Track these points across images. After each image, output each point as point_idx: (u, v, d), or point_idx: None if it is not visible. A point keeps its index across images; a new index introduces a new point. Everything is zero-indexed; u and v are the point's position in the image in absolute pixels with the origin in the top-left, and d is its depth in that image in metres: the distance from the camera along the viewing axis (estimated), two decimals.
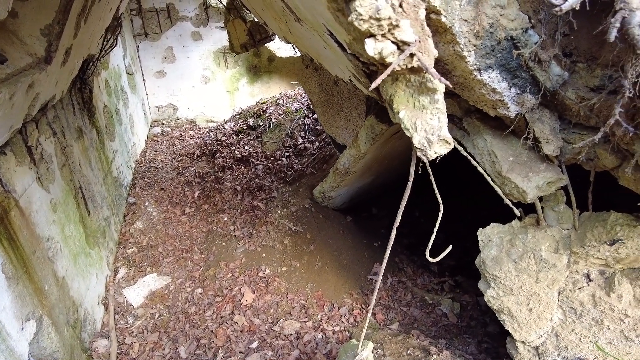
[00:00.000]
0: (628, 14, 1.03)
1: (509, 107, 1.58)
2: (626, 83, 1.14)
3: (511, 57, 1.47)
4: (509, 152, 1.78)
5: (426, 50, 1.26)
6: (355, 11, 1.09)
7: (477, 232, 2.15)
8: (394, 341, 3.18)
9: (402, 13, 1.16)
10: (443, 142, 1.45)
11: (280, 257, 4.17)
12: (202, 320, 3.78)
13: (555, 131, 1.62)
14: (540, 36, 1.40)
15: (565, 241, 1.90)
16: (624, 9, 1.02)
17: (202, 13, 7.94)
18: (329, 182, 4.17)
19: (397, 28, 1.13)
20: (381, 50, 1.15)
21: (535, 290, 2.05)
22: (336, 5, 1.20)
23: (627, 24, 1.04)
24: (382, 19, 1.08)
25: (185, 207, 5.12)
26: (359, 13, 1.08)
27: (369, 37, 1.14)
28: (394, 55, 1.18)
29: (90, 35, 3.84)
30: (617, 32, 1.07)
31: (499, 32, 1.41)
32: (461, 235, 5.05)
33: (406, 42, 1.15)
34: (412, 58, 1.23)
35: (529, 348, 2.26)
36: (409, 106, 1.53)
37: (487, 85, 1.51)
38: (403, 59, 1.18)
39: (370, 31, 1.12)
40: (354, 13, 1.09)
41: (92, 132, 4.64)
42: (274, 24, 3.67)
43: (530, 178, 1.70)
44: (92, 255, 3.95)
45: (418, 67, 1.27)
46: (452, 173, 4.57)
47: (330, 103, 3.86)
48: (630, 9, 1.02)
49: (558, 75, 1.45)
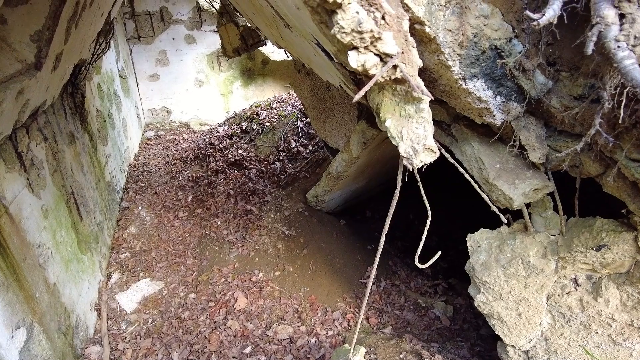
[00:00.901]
0: (604, 29, 1.04)
1: (494, 115, 1.59)
2: (605, 94, 1.16)
3: (496, 66, 1.48)
4: (495, 159, 1.79)
5: (409, 61, 1.27)
6: (338, 24, 1.09)
7: (467, 238, 2.16)
8: (386, 345, 3.19)
9: (384, 25, 1.16)
10: (428, 151, 1.46)
11: (274, 261, 4.17)
12: (196, 326, 3.77)
13: (541, 138, 1.64)
14: (524, 45, 1.41)
15: (553, 247, 1.92)
16: (600, 23, 1.04)
17: (195, 16, 7.94)
18: (322, 186, 4.18)
19: (379, 40, 1.14)
20: (364, 62, 1.16)
21: (524, 295, 2.06)
22: (319, 18, 1.21)
23: (603, 37, 1.05)
24: (364, 32, 1.09)
25: (179, 211, 5.11)
26: (341, 26, 1.09)
27: (352, 50, 1.15)
28: (377, 67, 1.19)
29: (82, 41, 3.82)
30: (594, 45, 1.08)
31: (483, 41, 1.42)
32: (454, 238, 5.07)
33: (389, 54, 1.16)
34: (396, 69, 1.24)
35: (519, 352, 2.27)
36: (395, 115, 1.54)
37: (473, 93, 1.52)
38: (386, 70, 1.19)
39: (353, 44, 1.13)
40: (336, 26, 1.10)
41: (85, 137, 4.62)
42: (266, 29, 3.67)
43: (517, 185, 1.71)
44: (85, 261, 3.93)
45: (402, 77, 1.28)
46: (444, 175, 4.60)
47: (323, 107, 3.87)
48: (605, 24, 1.03)
49: (542, 83, 1.47)
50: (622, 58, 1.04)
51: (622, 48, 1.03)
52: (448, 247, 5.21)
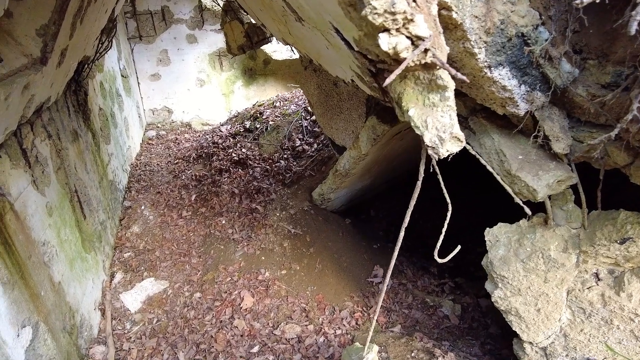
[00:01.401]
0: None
1: (518, 105, 1.56)
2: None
3: (521, 54, 1.45)
4: (517, 150, 1.76)
5: (439, 45, 1.24)
6: (370, 5, 1.06)
7: (485, 232, 2.13)
8: (397, 344, 3.15)
9: (416, 7, 1.13)
10: (455, 140, 1.43)
11: (280, 260, 4.13)
12: (202, 325, 3.72)
13: (564, 129, 1.60)
14: (551, 33, 1.38)
15: (574, 240, 1.89)
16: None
17: (197, 16, 7.90)
18: (328, 184, 4.14)
19: (411, 22, 1.10)
20: (395, 45, 1.12)
21: (543, 291, 2.03)
22: (348, 1, 1.17)
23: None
24: (397, 12, 1.06)
25: (182, 210, 5.06)
26: (374, 7, 1.05)
27: (383, 32, 1.11)
28: (408, 51, 1.15)
29: (86, 37, 3.78)
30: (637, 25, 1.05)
31: (509, 28, 1.39)
32: (460, 237, 5.05)
33: (421, 37, 1.13)
34: (426, 54, 1.20)
35: (536, 349, 2.23)
36: (419, 104, 1.50)
37: (498, 82, 1.49)
38: (417, 54, 1.15)
39: (385, 25, 1.09)
40: (368, 7, 1.06)
41: (88, 135, 4.57)
42: (273, 25, 3.64)
43: (541, 176, 1.68)
44: (89, 260, 3.88)
45: (431, 63, 1.24)
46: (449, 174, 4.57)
47: (330, 104, 3.83)
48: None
49: (568, 72, 1.44)
50: None
51: None
52: (453, 245, 5.18)
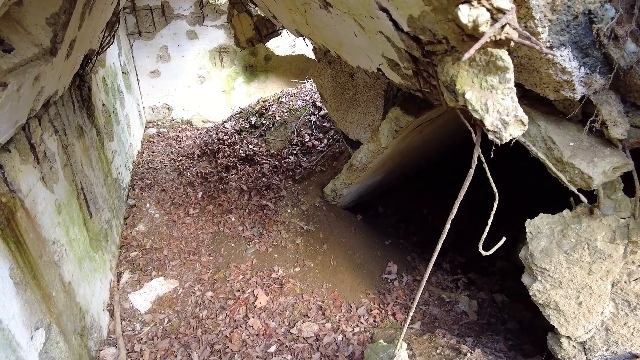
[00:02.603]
0: None
1: (575, 89, 1.50)
2: None
3: (585, 34, 1.38)
4: (567, 137, 1.69)
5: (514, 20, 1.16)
6: None
7: (526, 224, 2.06)
8: (420, 340, 3.08)
9: None
10: (519, 123, 1.36)
11: (293, 257, 4.04)
12: (215, 325, 3.62)
13: (622, 113, 1.54)
14: (617, 10, 1.32)
15: (622, 230, 1.83)
16: None
17: (197, 11, 7.77)
18: (342, 179, 4.06)
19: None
20: (476, 17, 1.04)
21: (587, 283, 1.97)
22: None
23: None
24: None
25: (189, 208, 4.95)
26: None
27: (464, 4, 1.04)
28: (487, 24, 1.08)
29: (93, 29, 3.66)
30: None
31: (577, 5, 1.32)
32: (470, 233, 5.00)
33: (502, 9, 1.05)
34: (502, 29, 1.13)
35: (574, 344, 2.17)
36: (475, 87, 1.43)
37: (558, 64, 1.42)
38: (497, 28, 1.08)
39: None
40: None
41: (92, 131, 4.45)
42: (287, 16, 3.54)
43: (596, 163, 1.62)
44: (96, 260, 3.77)
45: (505, 39, 1.16)
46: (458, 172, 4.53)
47: (345, 97, 3.75)
48: None
49: (633, 52, 1.37)
50: None
51: None
52: (464, 242, 5.13)
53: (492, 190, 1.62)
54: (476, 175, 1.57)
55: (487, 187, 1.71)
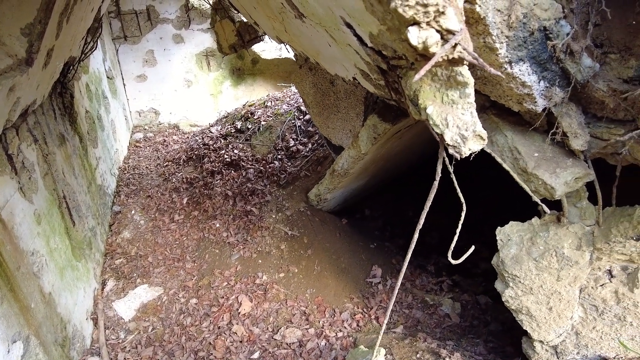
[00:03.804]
0: None
1: (536, 101, 1.53)
2: None
3: (542, 49, 1.42)
4: (532, 148, 1.72)
5: (466, 39, 1.19)
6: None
7: (496, 231, 2.09)
8: (401, 345, 3.11)
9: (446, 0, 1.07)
10: (478, 138, 1.38)
11: (277, 262, 4.05)
12: (199, 332, 3.62)
13: (582, 125, 1.58)
14: (572, 26, 1.35)
15: (588, 238, 1.87)
16: None
17: (183, 15, 7.75)
18: (325, 185, 4.08)
19: (442, 15, 1.05)
20: (425, 39, 1.06)
21: (556, 289, 2.01)
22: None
23: None
24: (429, 4, 1.00)
25: (174, 214, 4.94)
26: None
27: (413, 25, 1.06)
28: (437, 45, 1.10)
29: (72, 37, 3.64)
30: None
31: (532, 22, 1.35)
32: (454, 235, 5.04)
33: (452, 30, 1.07)
34: (455, 48, 1.15)
35: (547, 347, 2.21)
36: (437, 101, 1.45)
37: (517, 78, 1.45)
38: (447, 49, 1.10)
39: (415, 18, 1.03)
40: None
41: (75, 139, 4.42)
42: (267, 23, 3.55)
43: (559, 174, 1.65)
44: (79, 268, 3.75)
45: (459, 58, 1.19)
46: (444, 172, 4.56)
47: (326, 104, 3.77)
48: None
49: (589, 67, 1.40)
50: None
51: None
52: (448, 244, 5.18)
53: (479, 193, 1.65)
54: (463, 178, 1.60)
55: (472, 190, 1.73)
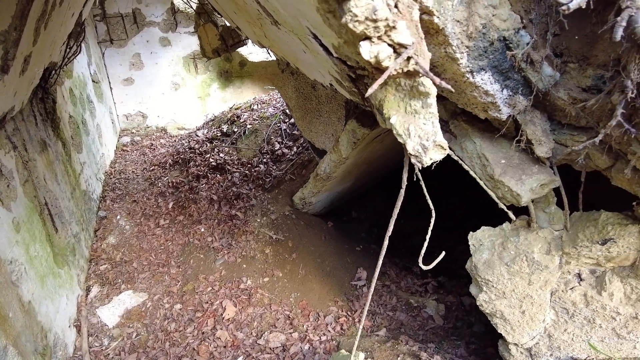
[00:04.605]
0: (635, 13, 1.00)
1: (500, 110, 1.55)
2: (629, 83, 1.12)
3: (503, 59, 1.44)
4: (499, 154, 1.75)
5: (422, 52, 1.20)
6: (350, 12, 1.01)
7: (468, 236, 2.12)
8: (383, 348, 3.12)
9: (397, 14, 1.09)
10: (439, 148, 1.40)
11: (262, 267, 4.05)
12: (183, 338, 3.61)
13: (546, 132, 1.60)
14: (532, 36, 1.37)
15: (557, 242, 1.89)
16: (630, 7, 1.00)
17: (170, 18, 7.72)
18: (309, 188, 4.09)
19: (393, 30, 1.06)
20: (377, 53, 1.08)
21: (527, 293, 2.03)
22: (327, 7, 1.12)
23: (633, 22, 1.01)
24: (378, 20, 1.01)
25: (160, 219, 4.92)
26: (354, 14, 1.01)
27: (364, 40, 1.07)
28: (390, 59, 1.11)
29: (52, 42, 3.62)
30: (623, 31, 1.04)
31: (491, 32, 1.36)
32: (442, 236, 5.07)
33: (403, 44, 1.09)
34: (409, 61, 1.16)
35: (521, 350, 2.24)
36: (400, 111, 1.47)
37: (480, 87, 1.47)
38: (400, 62, 1.11)
39: (366, 33, 1.04)
40: (348, 14, 1.02)
41: (57, 144, 4.39)
42: (248, 28, 3.56)
43: (524, 181, 1.68)
44: (62, 275, 3.72)
45: (414, 70, 1.20)
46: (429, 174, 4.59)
47: (308, 108, 3.78)
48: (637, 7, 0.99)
49: (550, 75, 1.43)
50: None
51: None
52: (435, 245, 5.20)
53: (465, 193, 1.66)
54: (449, 178, 1.61)
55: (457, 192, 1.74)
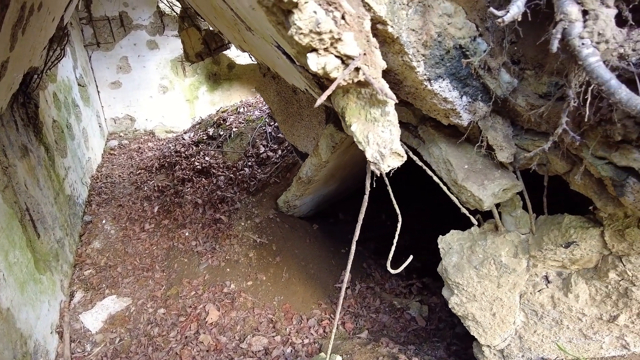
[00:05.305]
0: (568, 25, 1.02)
1: (461, 116, 1.57)
2: (570, 93, 1.14)
3: (461, 66, 1.46)
4: (463, 160, 1.77)
5: (372, 62, 1.22)
6: (295, 25, 1.03)
7: (438, 240, 2.14)
8: (363, 351, 3.14)
9: (344, 25, 1.11)
10: (396, 155, 1.42)
11: (246, 271, 4.06)
12: (166, 342, 3.61)
13: (508, 138, 1.63)
14: (489, 44, 1.39)
15: (523, 245, 1.92)
16: (564, 20, 1.02)
17: (157, 21, 7.71)
18: (292, 192, 4.10)
19: (339, 42, 1.08)
20: (324, 65, 1.09)
21: (497, 295, 2.06)
22: (276, 19, 1.14)
23: (567, 35, 1.03)
24: (322, 32, 1.03)
25: (145, 223, 4.91)
26: (298, 27, 1.02)
27: (311, 52, 1.09)
28: (338, 70, 1.13)
29: (31, 47, 3.61)
30: (558, 43, 1.06)
31: (447, 41, 1.39)
32: (427, 237, 5.10)
33: (350, 56, 1.11)
34: (358, 72, 1.18)
35: (494, 352, 2.26)
36: (361, 119, 1.48)
37: (438, 95, 1.49)
38: (348, 73, 1.13)
39: (312, 45, 1.06)
40: (293, 27, 1.03)
41: (40, 149, 4.37)
42: (229, 33, 3.57)
43: (486, 186, 1.70)
44: (43, 281, 3.70)
45: (365, 80, 1.22)
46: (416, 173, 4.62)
47: (290, 111, 3.80)
48: (569, 20, 1.01)
49: (508, 82, 1.45)
50: (587, 55, 1.02)
51: (586, 45, 1.02)
52: (421, 246, 5.23)
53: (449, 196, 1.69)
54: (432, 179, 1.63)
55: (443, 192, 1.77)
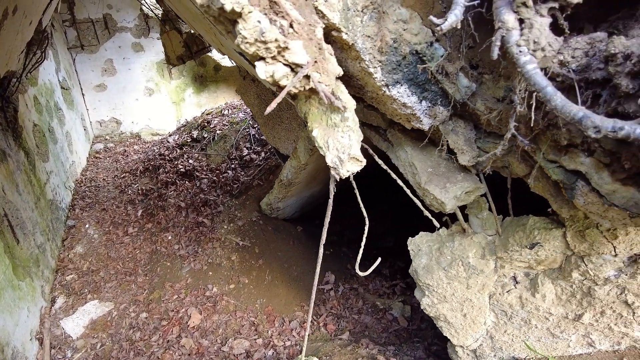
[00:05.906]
0: (506, 33, 1.04)
1: (422, 120, 1.59)
2: (516, 98, 1.17)
3: (418, 71, 1.48)
4: (427, 163, 1.79)
5: (324, 70, 1.23)
6: (240, 34, 1.04)
7: (407, 242, 2.16)
8: (343, 352, 3.15)
9: (293, 34, 1.12)
10: (354, 161, 1.43)
11: (228, 274, 4.05)
12: (148, 347, 3.60)
13: (470, 141, 1.64)
14: (446, 49, 1.41)
15: (490, 247, 1.94)
16: (501, 28, 1.04)
17: (142, 23, 7.67)
18: (274, 194, 4.11)
19: (287, 50, 1.09)
20: (273, 73, 1.10)
21: (467, 296, 2.08)
22: (225, 28, 1.14)
23: (506, 42, 1.05)
24: (268, 41, 1.04)
25: (128, 227, 4.88)
26: (244, 36, 1.03)
27: (259, 60, 1.10)
28: (287, 78, 1.14)
29: (8, 51, 3.58)
30: (498, 50, 1.08)
31: (403, 47, 1.40)
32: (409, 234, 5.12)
33: (298, 64, 1.12)
34: (309, 79, 1.19)
35: (467, 352, 2.29)
36: (322, 124, 1.50)
37: (397, 100, 1.50)
38: (297, 81, 1.14)
39: (259, 54, 1.07)
40: (239, 36, 1.04)
41: (19, 154, 4.33)
42: (207, 36, 3.57)
43: (448, 189, 1.72)
44: (22, 288, 3.67)
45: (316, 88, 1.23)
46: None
47: (270, 114, 3.80)
48: (507, 28, 1.03)
49: (466, 87, 1.47)
50: (525, 63, 1.04)
51: (523, 53, 1.04)
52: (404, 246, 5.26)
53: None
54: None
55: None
